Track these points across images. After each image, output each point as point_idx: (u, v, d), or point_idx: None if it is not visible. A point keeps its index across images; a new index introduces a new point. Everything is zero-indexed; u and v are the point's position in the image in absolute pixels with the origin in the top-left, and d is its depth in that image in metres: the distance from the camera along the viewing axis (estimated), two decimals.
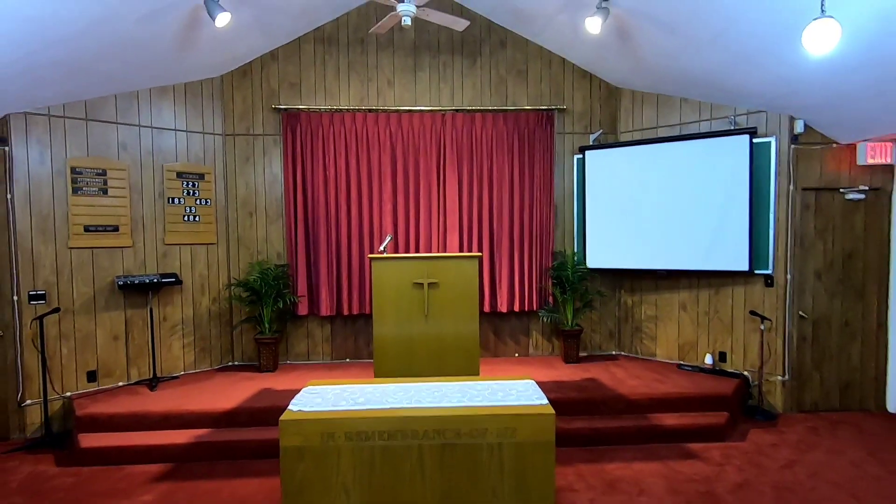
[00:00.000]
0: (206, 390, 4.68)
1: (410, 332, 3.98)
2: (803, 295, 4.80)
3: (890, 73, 3.56)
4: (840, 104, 4.20)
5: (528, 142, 5.59)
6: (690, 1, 3.76)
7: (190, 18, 4.20)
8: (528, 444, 2.62)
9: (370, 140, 5.48)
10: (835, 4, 3.10)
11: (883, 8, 3.05)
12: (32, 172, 4.38)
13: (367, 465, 2.58)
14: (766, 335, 4.82)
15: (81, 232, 4.61)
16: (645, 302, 5.63)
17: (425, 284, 3.97)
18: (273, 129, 5.49)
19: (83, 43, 3.84)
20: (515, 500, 2.60)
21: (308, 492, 2.57)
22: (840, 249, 4.81)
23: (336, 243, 5.48)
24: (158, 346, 5.02)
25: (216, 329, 5.44)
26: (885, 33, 3.23)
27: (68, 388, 4.56)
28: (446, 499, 2.61)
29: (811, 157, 4.71)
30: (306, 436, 2.58)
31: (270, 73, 5.46)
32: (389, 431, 2.60)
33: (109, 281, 4.77)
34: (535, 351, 5.80)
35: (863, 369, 4.86)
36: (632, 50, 4.80)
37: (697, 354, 5.28)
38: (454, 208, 5.51)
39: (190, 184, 5.21)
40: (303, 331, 5.63)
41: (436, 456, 2.61)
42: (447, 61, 5.56)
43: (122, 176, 4.82)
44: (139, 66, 4.55)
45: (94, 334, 4.71)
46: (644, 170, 5.29)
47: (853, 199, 4.76)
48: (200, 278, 5.32)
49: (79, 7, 3.46)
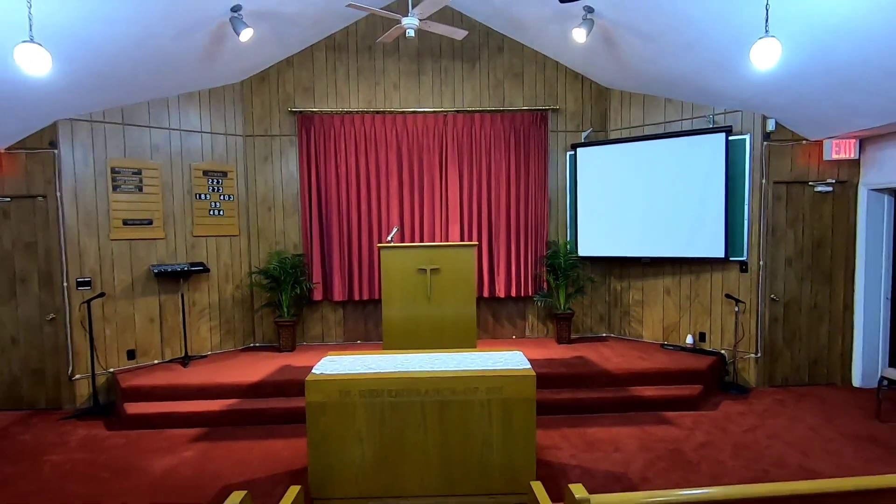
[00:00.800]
0: (232, 367, 5.22)
1: (415, 312, 4.48)
2: (775, 280, 5.24)
3: (837, 80, 3.98)
4: (803, 105, 4.62)
5: (524, 140, 6.04)
6: (666, 14, 4.19)
7: (216, 33, 4.69)
8: (512, 401, 3.11)
9: (378, 140, 5.96)
10: (790, 18, 3.53)
11: (831, 23, 3.47)
12: (78, 172, 4.91)
13: (377, 418, 3.09)
14: (740, 317, 5.27)
15: (121, 225, 5.15)
16: (632, 287, 6.09)
17: (428, 270, 4.47)
18: (289, 130, 5.99)
19: (125, 58, 4.35)
20: (503, 447, 3.10)
21: (329, 440, 3.09)
22: (809, 238, 5.24)
23: (347, 234, 5.98)
24: (189, 329, 5.57)
25: (239, 313, 5.98)
26: (831, 46, 3.66)
27: (111, 364, 5.12)
28: (444, 446, 3.11)
29: (782, 153, 5.13)
30: (327, 393, 3.09)
31: (286, 78, 5.95)
32: (396, 390, 3.10)
33: (145, 269, 5.31)
34: (531, 333, 6.28)
35: (830, 347, 5.30)
36: (617, 55, 5.23)
37: (680, 335, 5.74)
38: (455, 202, 5.99)
39: (214, 181, 5.73)
40: (317, 315, 6.16)
41: (435, 410, 3.11)
42: (448, 66, 6.01)
43: (155, 174, 5.35)
44: (170, 76, 5.06)
45: (132, 317, 5.26)
46: (631, 165, 5.73)
47: (821, 192, 5.18)
48: (225, 267, 5.85)
49: (124, 29, 3.97)
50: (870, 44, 3.50)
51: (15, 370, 4.97)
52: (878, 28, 3.32)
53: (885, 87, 3.89)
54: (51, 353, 4.95)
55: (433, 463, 3.12)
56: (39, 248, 4.90)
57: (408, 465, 3.12)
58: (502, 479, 3.13)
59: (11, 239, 4.89)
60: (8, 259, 4.90)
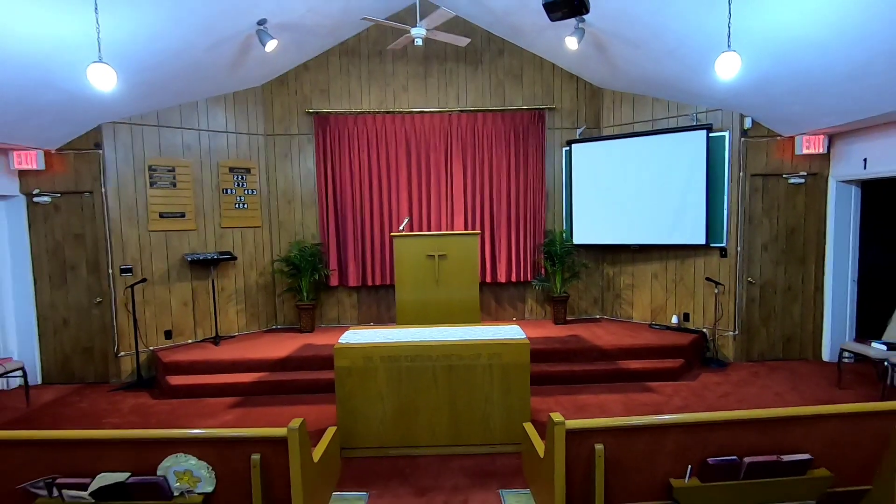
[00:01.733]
0: (259, 345, 5.79)
1: (425, 294, 5.02)
2: (752, 264, 5.74)
3: (802, 84, 4.46)
4: (775, 105, 5.10)
5: (523, 137, 6.54)
6: (647, 25, 4.66)
7: (243, 44, 5.20)
8: (510, 365, 3.65)
9: (388, 137, 6.47)
10: (753, 30, 4.01)
11: (790, 35, 3.94)
12: (119, 170, 5.45)
13: (395, 379, 3.64)
14: (720, 298, 5.78)
15: (157, 218, 5.70)
16: (623, 272, 6.61)
17: (436, 256, 5.00)
18: (306, 129, 6.50)
19: (163, 68, 4.87)
20: (502, 403, 3.64)
21: (354, 398, 3.63)
22: (784, 225, 5.72)
23: (361, 225, 6.51)
24: (218, 311, 6.13)
25: (263, 298, 6.53)
26: (792, 54, 4.14)
27: (151, 343, 5.69)
28: (452, 403, 3.66)
29: (758, 148, 5.61)
30: (352, 359, 3.63)
31: (303, 82, 6.46)
32: (411, 356, 3.64)
33: (179, 258, 5.86)
34: (530, 315, 6.82)
35: (802, 325, 5.81)
36: (608, 59, 5.71)
37: (666, 315, 6.26)
38: (460, 194, 6.51)
39: (239, 177, 6.27)
40: (334, 299, 6.71)
41: (444, 373, 3.65)
42: (453, 68, 6.50)
43: (187, 171, 5.88)
44: (201, 82, 5.58)
45: (168, 301, 5.83)
46: (622, 160, 6.22)
47: (794, 183, 5.66)
48: (249, 256, 6.40)
49: (164, 44, 4.49)
50: (827, 53, 3.97)
51: (66, 348, 5.55)
52: (833, 40, 3.79)
53: (845, 90, 4.36)
54: (98, 332, 5.53)
55: (443, 418, 3.67)
56: (87, 239, 5.46)
57: (421, 419, 3.67)
58: (501, 432, 3.68)
59: (62, 231, 5.44)
60: (59, 249, 5.46)
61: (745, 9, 3.82)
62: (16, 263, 5.40)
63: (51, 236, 5.45)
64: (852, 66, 3.97)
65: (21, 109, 4.45)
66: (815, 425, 2.45)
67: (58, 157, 5.32)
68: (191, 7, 4.19)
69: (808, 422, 2.44)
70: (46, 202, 5.39)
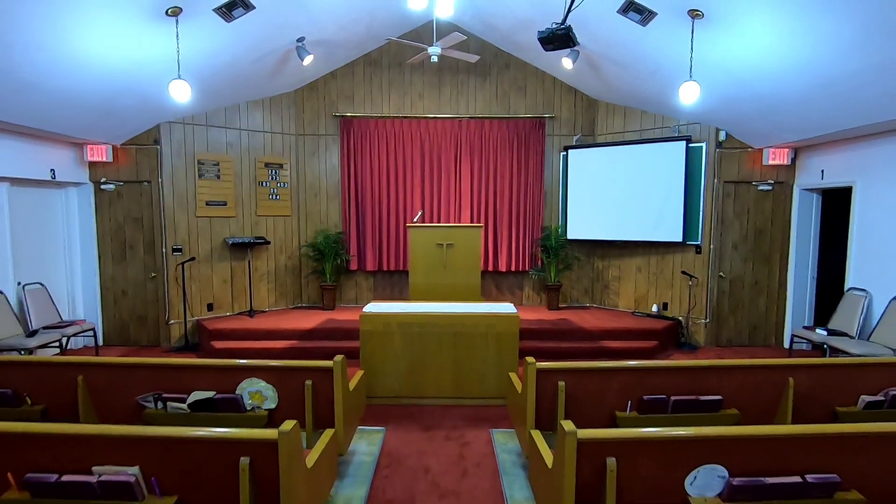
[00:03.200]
0: (288, 319, 6.64)
1: (434, 278, 5.84)
2: (723, 260, 6.49)
3: (762, 105, 5.21)
4: (743, 122, 5.84)
5: (525, 142, 7.32)
6: (631, 50, 5.42)
7: (282, 57, 6.02)
8: (503, 333, 4.46)
9: (404, 139, 7.29)
10: (713, 60, 4.76)
11: (745, 65, 4.69)
12: (174, 164, 6.31)
13: (409, 342, 4.46)
14: (694, 290, 6.54)
15: (204, 205, 6.56)
16: (611, 265, 7.39)
17: (444, 245, 5.81)
18: (333, 130, 7.33)
19: (216, 78, 5.71)
20: (495, 363, 4.45)
21: (375, 356, 4.46)
22: (752, 227, 6.47)
23: (378, 216, 7.34)
24: (252, 288, 6.99)
25: (290, 278, 7.39)
26: (749, 80, 4.89)
27: (195, 314, 6.57)
28: (456, 363, 4.48)
29: (731, 158, 6.35)
30: (374, 324, 4.46)
31: (330, 88, 7.28)
32: (422, 323, 4.46)
33: (221, 241, 6.73)
34: (527, 301, 7.62)
35: (766, 316, 6.56)
36: (601, 76, 6.47)
37: (648, 304, 7.04)
38: (467, 191, 7.31)
39: (273, 171, 7.12)
40: (352, 282, 7.55)
41: (449, 338, 4.47)
42: (464, 80, 7.29)
43: (229, 166, 6.74)
44: (244, 89, 6.42)
45: (211, 278, 6.70)
46: (612, 165, 6.98)
47: (763, 190, 6.39)
48: (280, 241, 7.25)
49: (220, 59, 5.33)
50: (780, 80, 4.71)
51: (124, 316, 6.45)
52: (784, 70, 4.52)
53: (798, 112, 5.10)
54: (152, 303, 6.41)
55: (447, 375, 4.49)
56: (144, 222, 6.34)
57: (429, 376, 4.50)
58: (494, 388, 4.49)
59: (123, 214, 6.33)
60: (120, 230, 6.34)
61: (708, 43, 4.58)
62: (84, 242, 6.29)
63: (114, 219, 6.33)
64: (801, 92, 4.71)
65: (101, 112, 5.31)
66: (728, 374, 3.23)
67: (122, 151, 6.19)
68: (244, 28, 5.01)
69: (722, 371, 3.23)
70: (111, 189, 6.26)
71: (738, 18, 4.14)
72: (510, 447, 3.75)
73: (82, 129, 5.53)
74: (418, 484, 3.25)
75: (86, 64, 4.37)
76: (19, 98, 4.42)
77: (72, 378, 3.24)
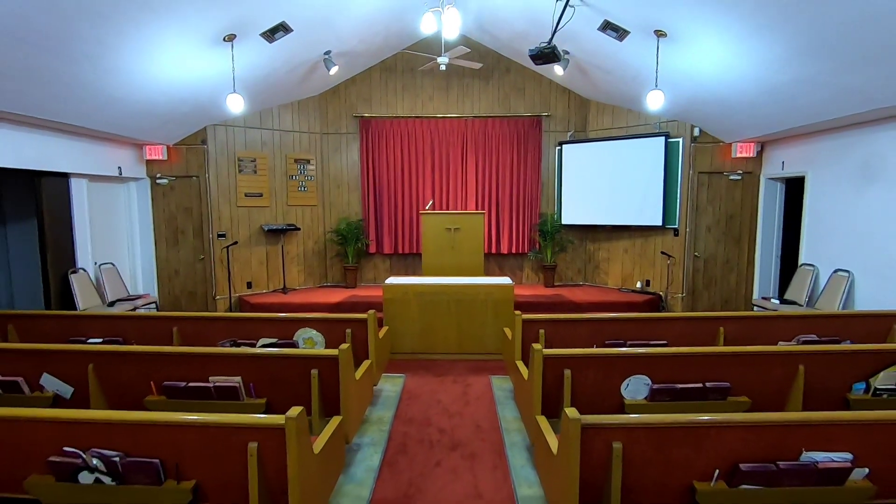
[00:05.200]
0: (317, 295, 7.65)
1: (443, 258, 6.79)
2: (698, 241, 7.37)
3: (725, 107, 6.06)
4: (712, 120, 6.69)
5: (524, 138, 8.21)
6: (613, 58, 6.28)
7: (311, 67, 6.96)
8: (500, 300, 5.41)
9: (416, 137, 8.21)
10: (677, 68, 5.62)
11: (704, 74, 5.54)
12: (218, 161, 7.31)
13: (423, 307, 5.43)
14: (671, 268, 7.43)
15: (243, 197, 7.56)
16: (601, 248, 8.29)
17: (452, 229, 6.75)
18: (353, 129, 8.27)
19: (257, 87, 6.67)
20: (493, 326, 5.41)
21: (396, 319, 5.44)
22: (724, 212, 7.32)
23: (394, 204, 8.30)
24: (285, 269, 8.00)
25: (317, 260, 8.39)
26: (709, 86, 5.74)
27: (237, 290, 7.60)
28: (459, 325, 5.44)
29: (705, 152, 7.20)
30: (394, 293, 5.43)
31: (351, 92, 8.21)
32: (433, 292, 5.42)
33: (258, 227, 7.73)
34: (526, 280, 8.56)
35: (737, 291, 7.43)
36: (590, 80, 7.33)
37: (633, 281, 7.94)
38: (472, 182, 8.23)
39: (301, 166, 8.09)
40: (371, 264, 8.54)
41: (455, 305, 5.42)
42: (469, 83, 8.18)
43: (264, 162, 7.72)
44: (277, 94, 7.38)
45: (249, 260, 7.71)
46: (601, 158, 7.85)
47: (733, 180, 7.24)
48: (307, 228, 8.25)
49: (261, 71, 6.28)
50: (733, 87, 5.56)
51: (177, 291, 7.49)
52: (734, 79, 5.35)
53: (753, 113, 5.95)
54: (200, 281, 7.45)
55: (453, 334, 5.46)
56: (193, 211, 7.35)
57: (439, 335, 5.47)
58: (492, 345, 5.45)
59: (175, 205, 7.34)
60: (173, 219, 7.37)
61: (675, 56, 5.43)
62: (142, 228, 7.32)
63: (167, 209, 7.35)
64: (752, 97, 5.56)
65: (162, 118, 6.30)
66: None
67: (174, 150, 7.19)
68: (282, 46, 5.94)
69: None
70: (165, 183, 7.28)
71: (695, 38, 5.00)
72: (504, 387, 4.72)
73: (145, 133, 6.52)
74: (432, 409, 4.23)
75: (156, 80, 5.34)
76: (104, 111, 5.42)
77: (168, 328, 4.26)
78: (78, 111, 5.21)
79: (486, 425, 3.93)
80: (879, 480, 2.25)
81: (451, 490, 3.04)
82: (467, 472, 3.24)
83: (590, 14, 5.36)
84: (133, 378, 3.27)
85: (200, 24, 4.74)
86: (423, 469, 3.28)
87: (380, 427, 3.91)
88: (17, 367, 3.29)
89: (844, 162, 5.64)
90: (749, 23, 4.34)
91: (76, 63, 4.39)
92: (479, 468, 3.29)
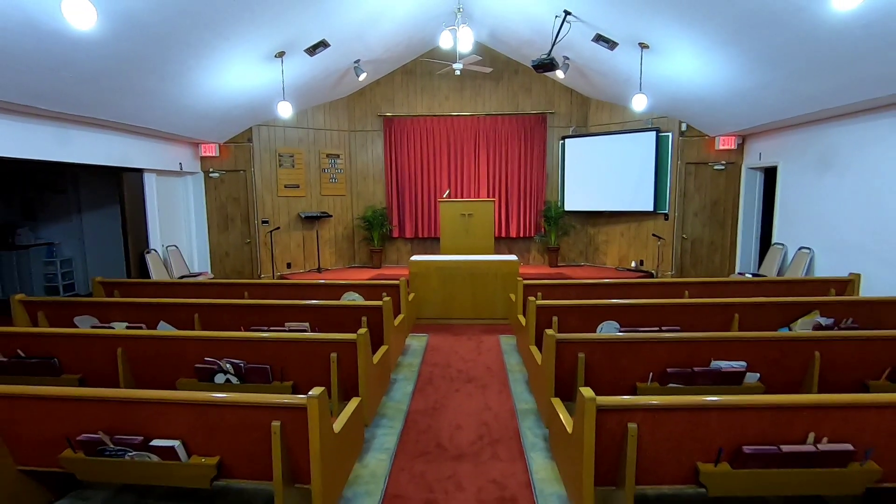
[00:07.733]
0: (347, 274, 8.72)
1: (458, 240, 7.79)
2: (686, 225, 8.25)
3: (705, 105, 6.93)
4: (696, 116, 7.56)
5: (531, 134, 9.13)
6: (606, 63, 7.17)
7: (342, 73, 7.96)
8: (507, 274, 6.40)
9: (434, 133, 9.18)
10: (661, 72, 6.51)
11: (683, 77, 6.42)
12: (262, 156, 8.37)
13: (443, 279, 6.45)
14: (662, 248, 8.34)
15: (283, 188, 8.63)
16: (601, 231, 9.21)
17: (466, 215, 7.74)
18: (378, 127, 9.28)
19: (298, 92, 7.70)
20: (501, 295, 6.40)
21: (420, 290, 6.47)
22: (709, 199, 8.19)
23: (414, 194, 9.31)
24: (319, 251, 9.08)
25: (346, 244, 9.46)
26: (688, 87, 6.62)
27: (279, 270, 8.69)
28: (474, 295, 6.44)
29: (692, 144, 8.06)
30: (419, 267, 6.46)
31: (375, 93, 9.20)
32: (451, 268, 6.44)
33: (296, 215, 8.80)
34: (533, 261, 9.52)
35: (721, 268, 8.32)
36: (589, 81, 8.22)
37: (628, 261, 8.86)
38: (484, 173, 9.20)
39: (333, 161, 9.12)
40: (394, 247, 9.57)
41: (469, 278, 6.43)
42: (481, 84, 9.11)
43: (301, 157, 8.77)
44: (312, 97, 8.41)
45: (289, 243, 8.80)
46: (601, 150, 8.75)
47: (717, 169, 8.10)
48: (338, 215, 9.30)
49: (301, 81, 7.30)
50: (710, 90, 6.43)
51: (227, 271, 8.61)
52: (709, 83, 6.23)
53: (729, 111, 6.81)
54: (247, 262, 8.56)
55: (468, 302, 6.48)
56: (241, 201, 8.44)
57: (456, 303, 6.48)
58: (501, 311, 6.45)
59: (225, 195, 8.44)
60: (223, 207, 8.47)
61: (660, 63, 6.32)
62: (197, 216, 8.44)
63: (218, 199, 8.45)
64: (725, 98, 6.43)
65: (218, 120, 7.37)
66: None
67: (224, 147, 8.27)
68: (320, 58, 6.94)
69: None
70: (216, 177, 8.37)
71: (673, 50, 5.89)
72: (510, 343, 5.73)
73: (202, 133, 7.61)
74: (452, 357, 5.26)
75: (218, 90, 6.39)
76: (175, 116, 6.49)
77: (240, 292, 5.34)
78: (157, 117, 6.30)
79: (494, 368, 4.95)
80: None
81: (467, 405, 4.07)
82: (479, 395, 4.27)
83: (584, 28, 6.27)
84: (227, 324, 4.34)
85: (260, 45, 5.77)
86: (446, 393, 4.32)
87: (410, 369, 4.95)
88: (141, 316, 4.39)
89: (807, 153, 6.49)
90: (714, 38, 5.23)
91: (164, 80, 5.46)
92: (489, 393, 4.31)
